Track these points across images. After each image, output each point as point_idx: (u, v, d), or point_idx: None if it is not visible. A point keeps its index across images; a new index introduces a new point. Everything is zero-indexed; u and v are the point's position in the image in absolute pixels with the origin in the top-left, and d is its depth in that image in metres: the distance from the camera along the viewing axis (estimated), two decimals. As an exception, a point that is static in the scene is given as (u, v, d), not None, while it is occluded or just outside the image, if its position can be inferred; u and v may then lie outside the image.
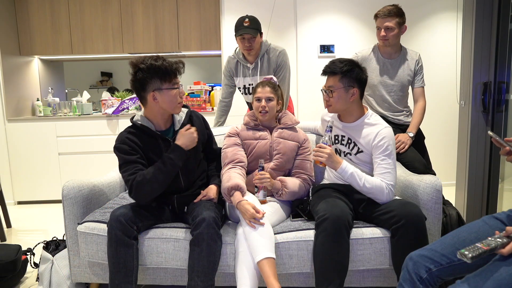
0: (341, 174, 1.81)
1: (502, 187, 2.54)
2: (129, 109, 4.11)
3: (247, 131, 2.12)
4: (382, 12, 2.38)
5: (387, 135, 1.86)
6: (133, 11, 4.15)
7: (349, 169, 1.79)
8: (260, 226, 1.72)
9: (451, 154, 3.93)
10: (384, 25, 2.37)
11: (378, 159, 1.85)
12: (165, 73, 1.78)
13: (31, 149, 3.98)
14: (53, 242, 2.15)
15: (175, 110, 1.89)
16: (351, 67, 1.87)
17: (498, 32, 2.41)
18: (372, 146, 1.88)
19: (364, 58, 2.49)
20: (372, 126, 1.90)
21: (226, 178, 1.92)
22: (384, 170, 1.82)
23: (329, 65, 1.90)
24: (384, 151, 1.84)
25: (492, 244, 1.16)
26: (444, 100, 4.09)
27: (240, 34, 2.48)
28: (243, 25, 2.47)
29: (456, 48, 4.03)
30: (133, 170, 1.78)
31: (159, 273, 1.91)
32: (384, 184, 1.79)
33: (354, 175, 1.79)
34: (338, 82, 1.87)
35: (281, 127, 2.13)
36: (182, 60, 1.88)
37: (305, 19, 4.05)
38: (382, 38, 2.39)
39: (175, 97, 1.83)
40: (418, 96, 2.51)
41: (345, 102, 1.89)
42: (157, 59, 1.79)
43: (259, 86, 2.10)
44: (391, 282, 1.86)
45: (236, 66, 2.70)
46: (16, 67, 4.11)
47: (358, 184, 1.80)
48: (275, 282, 1.61)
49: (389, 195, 1.80)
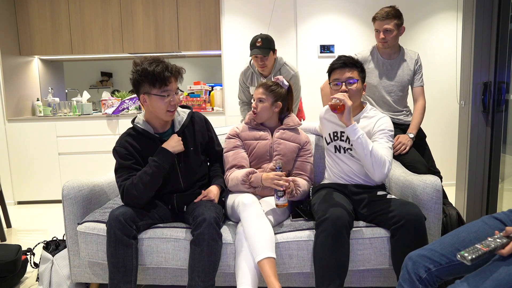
0: (351, 132, 1.77)
1: (502, 187, 2.54)
2: (129, 109, 4.11)
3: (248, 131, 2.12)
4: (380, 15, 2.38)
5: (385, 122, 1.93)
6: (133, 11, 4.15)
7: (360, 131, 1.77)
8: (262, 224, 1.72)
9: (451, 154, 3.94)
10: (383, 28, 2.37)
11: (377, 138, 1.88)
12: (153, 79, 1.77)
13: (31, 149, 3.98)
14: (53, 242, 2.15)
15: (163, 117, 1.87)
16: (362, 64, 1.96)
17: (498, 32, 2.41)
18: (372, 133, 1.91)
19: (363, 59, 2.49)
20: (371, 118, 1.96)
21: (234, 175, 1.97)
22: (384, 146, 1.83)
23: (346, 58, 1.93)
24: (383, 132, 1.88)
25: (492, 245, 1.16)
26: (444, 100, 4.09)
27: (253, 54, 2.64)
28: (256, 45, 2.62)
29: (456, 48, 4.03)
30: (126, 175, 1.81)
31: (159, 273, 1.91)
32: (387, 160, 1.78)
33: (365, 138, 1.76)
34: (357, 75, 1.91)
35: (283, 127, 2.12)
36: (180, 69, 1.85)
37: (305, 19, 4.05)
38: (381, 40, 2.40)
39: (164, 104, 1.81)
40: (418, 95, 2.51)
41: (360, 95, 1.94)
42: (153, 63, 1.77)
43: (256, 87, 2.13)
44: (391, 282, 1.86)
45: (252, 77, 2.84)
46: (16, 67, 4.11)
47: (366, 148, 1.75)
48: (275, 282, 1.61)
49: (388, 171, 1.79)
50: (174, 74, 1.81)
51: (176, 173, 1.93)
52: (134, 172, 1.82)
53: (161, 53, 4.24)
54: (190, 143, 1.96)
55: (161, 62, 1.80)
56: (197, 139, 2.00)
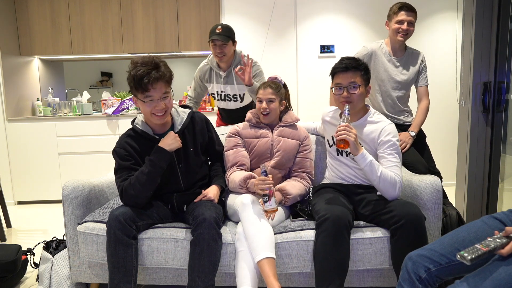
0: (360, 160, 1.76)
1: (502, 187, 2.54)
2: (129, 109, 4.11)
3: (249, 129, 2.13)
4: (408, 6, 2.36)
5: (391, 131, 1.87)
6: (133, 11, 4.15)
7: (369, 157, 1.76)
8: (262, 224, 1.72)
9: (451, 154, 3.93)
10: (408, 19, 2.35)
11: (385, 154, 1.84)
12: (136, 85, 1.74)
13: (31, 149, 3.98)
14: (53, 242, 2.15)
15: (151, 120, 1.86)
16: (366, 66, 1.89)
17: (498, 32, 2.41)
18: (377, 143, 1.87)
19: (373, 51, 2.45)
20: (375, 124, 1.91)
21: (233, 178, 1.97)
22: (392, 164, 1.81)
23: (346, 61, 1.86)
24: (391, 146, 1.84)
25: (492, 245, 1.16)
26: (444, 100, 4.09)
27: (211, 40, 2.52)
28: (215, 32, 2.51)
29: (456, 48, 4.03)
30: (125, 176, 1.81)
31: (159, 273, 1.91)
32: (398, 179, 1.77)
33: (373, 164, 1.75)
34: (360, 78, 1.86)
35: (282, 125, 2.13)
36: (164, 74, 1.74)
37: (305, 19, 4.05)
38: (403, 32, 2.36)
39: (148, 108, 1.79)
40: (422, 95, 2.51)
41: (363, 99, 1.91)
42: (139, 67, 1.72)
43: (261, 87, 2.10)
44: (391, 282, 1.86)
45: (210, 73, 2.72)
46: (16, 67, 4.11)
47: (375, 173, 1.75)
48: (275, 282, 1.61)
49: (399, 190, 1.78)
50: (153, 80, 1.71)
51: (176, 173, 1.93)
52: (133, 172, 1.83)
53: (161, 53, 4.24)
54: (190, 143, 1.96)
55: (145, 66, 1.71)
56: (197, 139, 2.00)
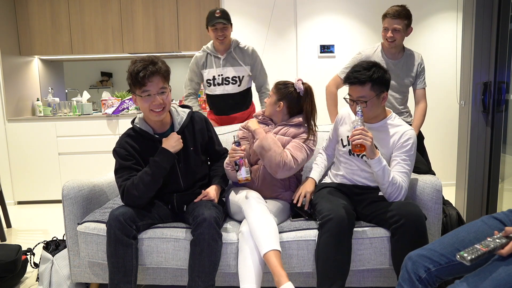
0: (374, 164, 1.72)
1: (502, 187, 2.55)
2: (129, 109, 4.11)
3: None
4: (392, 13, 2.34)
5: (412, 136, 1.83)
6: (133, 11, 4.15)
7: (383, 161, 1.73)
8: (266, 219, 1.73)
9: (451, 154, 3.93)
10: (392, 27, 2.34)
11: (399, 158, 1.81)
12: (133, 80, 1.77)
13: (31, 149, 3.98)
14: (53, 242, 2.15)
15: (149, 116, 1.87)
16: (379, 73, 1.76)
17: (498, 32, 2.41)
18: (396, 145, 1.83)
19: (368, 57, 2.46)
20: (397, 127, 1.87)
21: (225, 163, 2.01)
22: (403, 169, 1.79)
23: (355, 74, 1.77)
24: (407, 152, 1.81)
25: (491, 245, 1.16)
26: (444, 100, 4.09)
27: (212, 24, 2.65)
28: (215, 16, 2.65)
29: (456, 48, 4.02)
30: (126, 176, 1.81)
31: (159, 273, 1.91)
32: (404, 185, 1.77)
33: (386, 169, 1.73)
34: (369, 91, 1.76)
35: (284, 123, 2.05)
36: (160, 68, 1.76)
37: (305, 19, 4.05)
38: (389, 39, 2.37)
39: (146, 104, 1.80)
40: (420, 97, 2.51)
41: (377, 108, 1.83)
42: (137, 62, 1.76)
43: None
44: (391, 282, 1.86)
45: (207, 58, 2.82)
46: (16, 67, 4.11)
47: (386, 178, 1.73)
48: (282, 271, 1.62)
49: (403, 197, 1.79)
50: (150, 74, 1.74)
51: (176, 173, 1.93)
52: (134, 172, 1.83)
53: (161, 53, 4.24)
54: (190, 143, 1.96)
55: (143, 61, 1.76)
56: (197, 139, 1.99)
